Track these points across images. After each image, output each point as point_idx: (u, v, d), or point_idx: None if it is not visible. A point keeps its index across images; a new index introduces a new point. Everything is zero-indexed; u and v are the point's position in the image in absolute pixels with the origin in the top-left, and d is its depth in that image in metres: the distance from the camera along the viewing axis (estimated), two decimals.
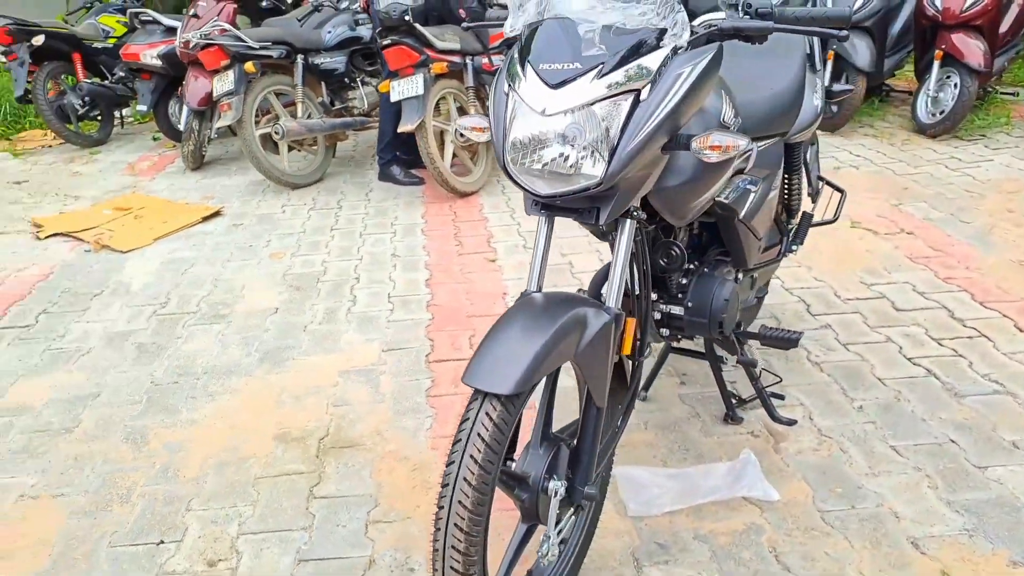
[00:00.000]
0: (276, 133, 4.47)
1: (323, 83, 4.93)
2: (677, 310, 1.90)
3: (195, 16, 5.17)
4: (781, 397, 2.32)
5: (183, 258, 3.74)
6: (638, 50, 1.32)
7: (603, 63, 1.30)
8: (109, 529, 1.96)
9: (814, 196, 2.60)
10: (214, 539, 1.91)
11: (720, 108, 1.59)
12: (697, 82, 1.36)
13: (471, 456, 1.26)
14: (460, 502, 1.26)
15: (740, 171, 1.86)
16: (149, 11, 5.62)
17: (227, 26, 4.45)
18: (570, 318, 1.38)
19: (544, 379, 1.50)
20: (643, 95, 1.32)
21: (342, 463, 2.17)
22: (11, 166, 5.58)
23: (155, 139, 6.25)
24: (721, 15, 1.56)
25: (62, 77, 6.01)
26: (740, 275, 2.09)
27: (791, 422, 2.20)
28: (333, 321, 3.02)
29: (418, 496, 2.02)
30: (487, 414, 1.28)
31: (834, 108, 5.38)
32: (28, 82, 5.71)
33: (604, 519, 1.88)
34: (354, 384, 2.57)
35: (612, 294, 1.48)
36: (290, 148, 4.81)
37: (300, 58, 4.69)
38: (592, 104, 1.30)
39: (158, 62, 5.41)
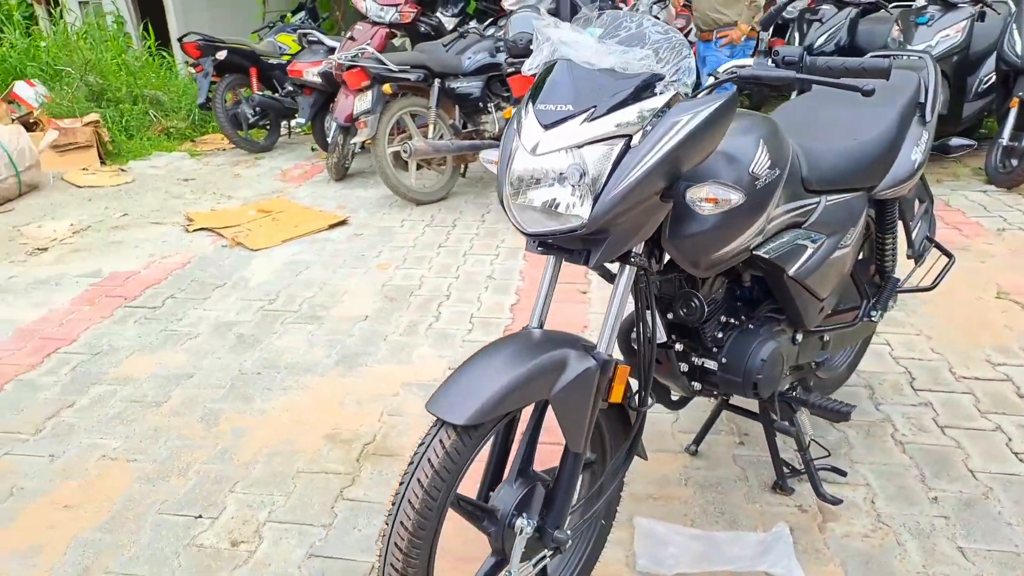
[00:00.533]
0: (404, 151, 4.75)
1: (457, 106, 5.20)
2: (711, 364, 1.84)
3: (351, 39, 5.67)
4: (842, 473, 2.16)
5: (302, 260, 4.09)
6: (636, 96, 1.33)
7: (595, 107, 1.33)
8: (162, 497, 2.20)
9: (916, 259, 2.40)
10: (243, 521, 2.09)
11: (752, 156, 1.55)
12: (697, 131, 1.34)
13: (418, 480, 1.31)
14: (402, 523, 1.31)
15: (797, 224, 1.78)
16: (315, 32, 6.22)
17: (371, 50, 4.84)
18: (548, 358, 1.40)
19: (531, 414, 1.52)
20: (634, 141, 1.33)
21: (377, 470, 2.29)
22: (186, 165, 6.35)
23: (313, 150, 6.85)
24: (748, 62, 1.53)
25: (240, 89, 6.77)
26: (798, 335, 1.98)
27: (836, 501, 2.03)
28: (413, 334, 3.18)
29: None
30: (440, 441, 1.33)
31: (1014, 162, 4.88)
32: (210, 92, 6.49)
33: (608, 569, 1.86)
34: (413, 396, 2.69)
35: (603, 340, 1.48)
36: (419, 166, 5.11)
37: (437, 81, 4.98)
38: (581, 147, 1.33)
39: (318, 79, 5.95)
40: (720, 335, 1.83)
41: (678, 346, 1.80)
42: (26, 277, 3.92)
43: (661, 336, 1.78)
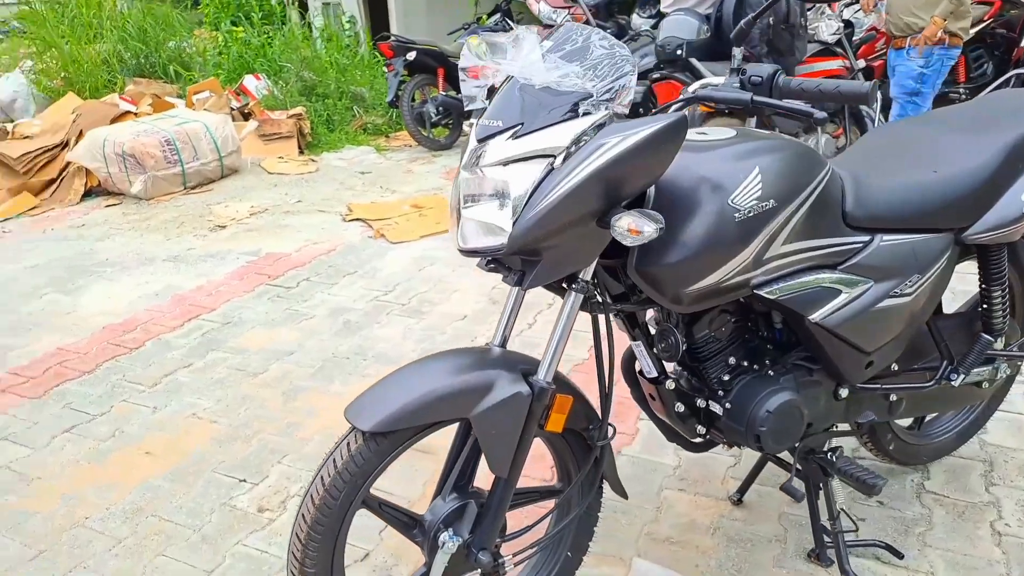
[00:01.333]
0: None
1: None
2: (716, 408, 1.72)
3: None
4: (899, 555, 1.91)
5: (430, 256, 4.33)
6: (566, 115, 1.30)
7: (522, 124, 1.31)
8: (223, 458, 2.49)
9: None
10: (275, 491, 2.30)
11: (737, 185, 1.43)
12: (624, 155, 1.28)
13: (321, 478, 1.40)
14: (303, 516, 1.40)
15: (829, 265, 1.61)
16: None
17: None
18: (476, 377, 1.41)
19: (474, 430, 1.53)
20: (556, 162, 1.30)
21: (409, 464, 2.40)
22: (369, 159, 6.94)
23: None
24: (719, 80, 1.43)
25: (427, 88, 7.25)
26: (841, 390, 1.79)
27: None
28: None
29: None
30: (348, 444, 1.40)
31: None
32: (398, 90, 7.01)
33: None
34: None
35: (544, 367, 1.46)
36: None
37: None
38: (506, 164, 1.32)
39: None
40: (727, 377, 1.70)
41: (669, 383, 1.70)
42: (200, 250, 4.56)
43: (651, 371, 1.70)
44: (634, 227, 1.29)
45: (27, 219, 5.36)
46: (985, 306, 1.97)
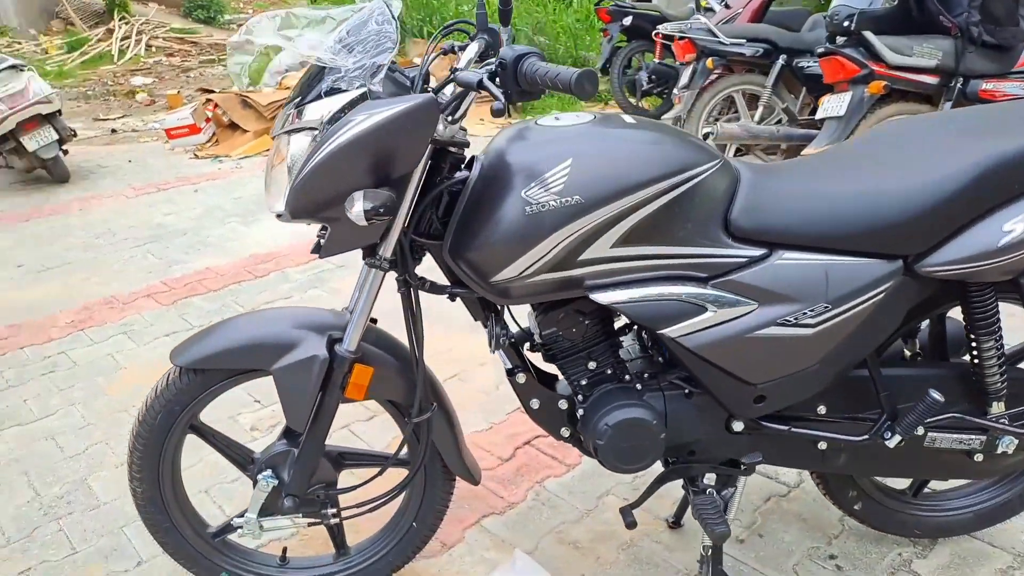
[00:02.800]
0: (711, 133, 4.57)
1: (805, 88, 4.70)
2: (578, 413, 1.64)
3: (727, 6, 5.50)
4: None
5: None
6: (329, 89, 1.35)
7: (300, 97, 1.38)
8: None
9: None
10: (272, 416, 2.59)
11: (537, 176, 1.35)
12: (370, 133, 1.29)
13: (146, 400, 1.60)
14: (132, 430, 1.62)
15: (703, 278, 1.44)
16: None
17: (704, 19, 4.68)
18: (284, 334, 1.53)
19: None
20: (318, 136, 1.34)
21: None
22: None
23: None
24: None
25: (644, 55, 7.10)
26: (734, 423, 1.59)
27: None
28: None
29: None
30: (168, 375, 1.59)
31: None
32: (611, 56, 6.95)
33: None
34: (474, 373, 2.83)
35: (347, 336, 1.52)
36: (741, 151, 4.82)
37: (781, 58, 4.58)
38: (291, 134, 1.39)
39: None
40: (585, 381, 1.61)
41: (520, 377, 1.64)
42: None
43: (505, 363, 1.66)
44: (355, 206, 1.30)
45: (260, 159, 6.32)
46: (975, 359, 1.59)
